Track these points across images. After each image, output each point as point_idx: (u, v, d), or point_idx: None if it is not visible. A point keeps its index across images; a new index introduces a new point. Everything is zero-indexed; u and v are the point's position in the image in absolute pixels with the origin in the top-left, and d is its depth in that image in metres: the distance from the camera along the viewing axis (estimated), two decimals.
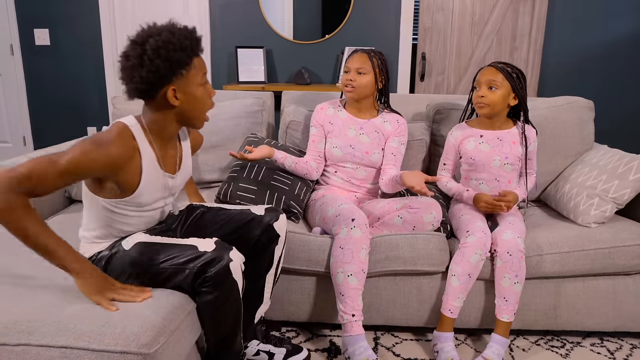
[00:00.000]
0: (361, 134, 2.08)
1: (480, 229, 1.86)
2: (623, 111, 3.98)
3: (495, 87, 1.95)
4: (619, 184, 1.99)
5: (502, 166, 2.03)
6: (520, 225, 1.92)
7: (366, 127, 2.09)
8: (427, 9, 3.81)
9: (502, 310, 1.84)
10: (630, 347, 2.02)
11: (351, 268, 1.75)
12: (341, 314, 1.77)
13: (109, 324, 1.21)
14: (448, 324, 1.87)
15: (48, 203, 2.09)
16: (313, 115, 2.16)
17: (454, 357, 1.80)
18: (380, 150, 2.09)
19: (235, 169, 2.13)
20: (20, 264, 1.52)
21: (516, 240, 1.82)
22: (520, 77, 1.97)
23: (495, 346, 1.84)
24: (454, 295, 1.84)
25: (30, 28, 4.12)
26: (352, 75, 2.01)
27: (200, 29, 4.00)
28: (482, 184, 2.06)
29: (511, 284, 1.82)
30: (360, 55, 2.02)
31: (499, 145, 2.03)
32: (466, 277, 1.82)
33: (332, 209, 1.88)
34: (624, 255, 1.91)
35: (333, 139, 2.10)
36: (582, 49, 3.89)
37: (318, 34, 3.98)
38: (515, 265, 1.81)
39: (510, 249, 1.81)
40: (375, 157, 2.08)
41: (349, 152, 2.08)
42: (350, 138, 2.08)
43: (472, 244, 1.82)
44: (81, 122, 4.29)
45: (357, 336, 1.74)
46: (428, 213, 1.90)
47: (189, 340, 1.39)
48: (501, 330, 1.85)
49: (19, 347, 1.17)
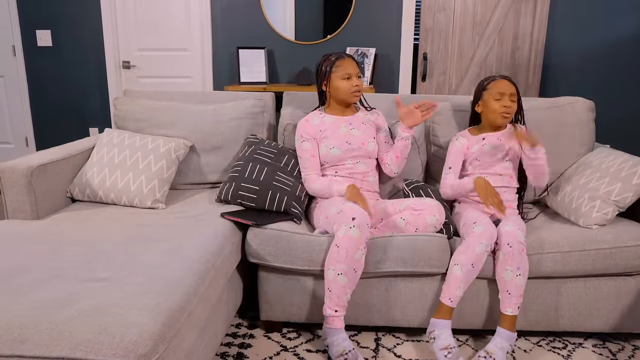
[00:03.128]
0: (352, 129, 2.15)
1: (487, 222, 1.88)
2: (624, 111, 3.97)
3: (514, 100, 2.10)
4: (622, 187, 1.98)
5: (504, 162, 2.13)
6: (521, 222, 1.93)
7: (353, 121, 2.18)
8: (428, 9, 3.81)
9: (506, 304, 1.84)
10: (632, 348, 2.02)
11: (342, 267, 1.77)
12: (325, 307, 1.83)
13: (107, 331, 1.16)
14: (446, 311, 1.85)
15: (48, 203, 2.09)
16: (301, 131, 2.17)
17: (450, 344, 1.79)
18: (373, 140, 2.16)
19: (236, 169, 2.13)
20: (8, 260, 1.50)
21: (517, 232, 1.84)
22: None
23: (498, 339, 1.83)
24: (454, 285, 1.83)
25: (33, 29, 4.13)
26: (357, 81, 2.11)
27: (201, 30, 4.00)
28: (487, 178, 2.12)
29: (513, 276, 1.81)
30: (351, 60, 2.12)
31: (499, 145, 2.12)
32: (469, 267, 1.81)
33: (334, 208, 1.89)
34: (625, 256, 1.90)
35: (327, 141, 2.12)
36: (584, 49, 3.87)
37: (319, 35, 3.98)
38: (517, 257, 1.81)
39: (510, 241, 1.82)
40: (371, 146, 2.15)
41: (346, 148, 2.11)
42: (343, 135, 2.13)
43: (478, 234, 1.83)
44: (83, 123, 4.30)
45: (337, 329, 1.83)
46: (431, 215, 1.91)
47: (189, 342, 1.39)
48: (505, 323, 1.85)
49: (12, 358, 1.12)
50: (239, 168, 2.13)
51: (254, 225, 1.91)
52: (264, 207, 2.05)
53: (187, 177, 2.41)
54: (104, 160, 2.18)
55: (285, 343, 2.01)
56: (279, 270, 1.97)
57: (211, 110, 2.43)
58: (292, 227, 1.94)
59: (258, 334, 2.07)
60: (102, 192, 2.13)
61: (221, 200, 2.11)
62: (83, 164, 2.28)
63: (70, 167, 2.20)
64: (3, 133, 4.34)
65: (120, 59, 4.13)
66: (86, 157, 2.30)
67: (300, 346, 1.99)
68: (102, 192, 2.13)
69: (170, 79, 4.15)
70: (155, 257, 1.57)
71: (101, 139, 2.28)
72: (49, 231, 1.79)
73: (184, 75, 4.13)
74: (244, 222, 1.93)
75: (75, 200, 2.24)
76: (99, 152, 2.22)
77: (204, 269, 1.55)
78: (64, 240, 1.69)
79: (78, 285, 1.36)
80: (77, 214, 2.03)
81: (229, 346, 1.98)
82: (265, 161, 2.14)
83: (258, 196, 2.04)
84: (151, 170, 2.15)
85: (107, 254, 1.59)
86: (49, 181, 2.08)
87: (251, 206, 2.07)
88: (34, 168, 1.99)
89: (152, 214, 2.04)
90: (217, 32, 4.03)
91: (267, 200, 2.03)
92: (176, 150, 2.25)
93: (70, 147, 2.27)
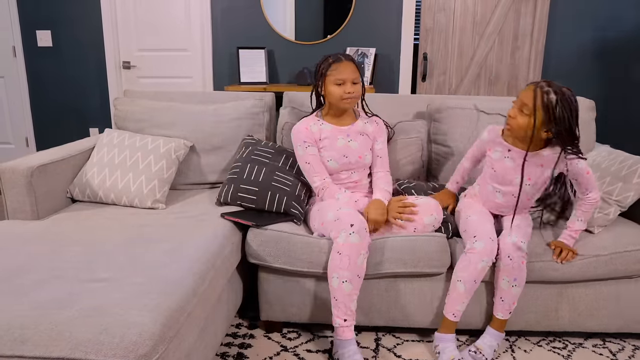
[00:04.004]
0: (349, 141, 2.07)
1: (487, 235, 1.82)
2: (625, 111, 3.96)
3: (525, 113, 1.72)
4: (623, 186, 1.98)
5: (524, 186, 1.87)
6: (526, 230, 1.89)
7: (351, 133, 2.08)
8: (428, 9, 3.81)
9: (498, 309, 1.87)
10: (632, 348, 2.01)
11: (346, 275, 1.76)
12: (334, 317, 1.81)
13: (107, 331, 1.16)
14: (450, 326, 1.87)
15: (48, 203, 2.09)
16: (302, 137, 2.04)
17: (455, 356, 1.80)
18: (369, 151, 2.11)
19: (234, 171, 2.13)
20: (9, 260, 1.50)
21: (519, 245, 1.80)
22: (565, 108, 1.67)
23: (488, 337, 1.88)
24: (458, 300, 1.84)
25: (33, 30, 4.13)
26: (350, 87, 1.96)
27: (201, 30, 4.00)
28: (499, 193, 1.95)
29: (509, 286, 1.82)
30: (349, 64, 1.98)
31: (522, 165, 1.83)
32: (472, 283, 1.82)
33: (331, 214, 1.87)
34: (625, 261, 1.90)
35: (325, 152, 2.05)
36: (584, 49, 3.87)
37: (320, 35, 3.98)
38: (516, 269, 1.80)
39: (512, 254, 1.79)
40: (367, 158, 2.10)
41: (344, 162, 2.06)
42: (341, 148, 2.05)
43: (479, 252, 1.80)
44: (83, 123, 4.30)
45: (347, 341, 1.81)
46: (428, 214, 1.91)
47: (189, 343, 1.39)
48: (495, 324, 1.89)
49: (12, 359, 1.12)
50: (237, 170, 2.13)
51: (254, 225, 1.91)
52: (264, 208, 2.05)
53: (187, 177, 2.41)
54: (104, 160, 2.18)
55: (286, 343, 2.01)
56: (279, 271, 1.96)
57: (211, 110, 2.43)
58: (292, 228, 1.94)
59: (258, 334, 2.07)
60: (102, 193, 2.13)
61: (220, 202, 2.11)
62: (83, 164, 2.28)
63: (70, 168, 2.20)
64: (3, 133, 4.34)
65: (121, 59, 4.14)
66: (86, 157, 2.30)
67: (301, 346, 1.99)
68: (102, 192, 2.13)
69: (170, 79, 4.15)
70: (155, 257, 1.57)
71: (101, 139, 2.28)
72: (49, 231, 1.79)
73: (184, 75, 4.13)
74: (244, 223, 1.93)
75: (76, 201, 2.24)
76: (99, 153, 2.22)
77: (204, 269, 1.55)
78: (64, 241, 1.69)
79: (78, 286, 1.36)
80: (77, 214, 2.03)
81: (229, 346, 1.98)
82: (264, 161, 2.14)
83: (257, 197, 2.04)
84: (151, 171, 2.15)
85: (107, 254, 1.59)
86: (49, 181, 2.08)
87: (251, 207, 2.07)
88: (34, 168, 1.99)
89: (153, 214, 2.05)
90: (217, 32, 4.03)
91: (267, 201, 2.03)
92: (176, 151, 2.25)
93: (70, 148, 2.27)
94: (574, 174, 1.83)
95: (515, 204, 1.90)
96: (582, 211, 1.89)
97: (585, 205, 1.88)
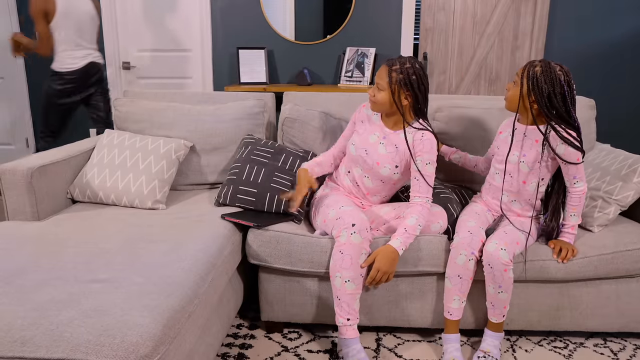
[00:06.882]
0: (381, 144, 1.96)
1: (466, 229, 1.84)
2: (625, 110, 3.96)
3: (515, 83, 1.81)
4: (623, 185, 1.98)
5: (518, 163, 1.88)
6: (513, 236, 1.82)
7: (389, 138, 1.95)
8: (428, 9, 3.81)
9: (490, 313, 1.88)
10: (633, 348, 2.01)
11: (349, 274, 1.76)
12: (337, 316, 1.81)
13: (107, 332, 1.16)
14: (449, 326, 1.88)
15: (49, 204, 2.09)
16: (354, 114, 2.08)
17: (455, 358, 1.81)
18: (394, 167, 1.94)
19: (233, 171, 2.13)
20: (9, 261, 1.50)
21: (498, 253, 1.75)
22: (547, 81, 1.74)
23: (490, 339, 1.88)
24: (449, 297, 1.85)
25: (33, 30, 4.12)
26: (373, 90, 1.90)
27: (201, 31, 4.00)
28: (498, 174, 1.95)
29: (495, 292, 1.82)
30: (383, 68, 1.88)
31: (522, 141, 1.88)
32: (456, 278, 1.82)
33: (333, 211, 1.87)
34: (626, 259, 1.90)
35: (356, 135, 2.03)
36: (584, 48, 3.87)
37: (319, 35, 3.97)
38: (498, 277, 1.78)
39: (491, 261, 1.77)
40: (384, 171, 1.95)
41: (361, 154, 1.98)
42: (369, 143, 1.97)
43: (456, 245, 1.82)
44: (83, 123, 4.29)
45: (350, 339, 1.80)
46: (435, 222, 1.93)
47: (190, 343, 1.39)
48: (491, 327, 1.89)
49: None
50: (236, 170, 2.13)
51: (255, 226, 1.91)
52: (264, 209, 2.05)
53: (188, 177, 2.41)
54: (105, 161, 2.18)
55: (286, 343, 2.01)
56: (280, 271, 1.96)
57: (211, 110, 2.43)
58: (292, 228, 1.94)
59: (259, 335, 2.07)
60: (102, 193, 2.13)
61: (220, 203, 2.11)
62: (83, 165, 2.28)
63: (70, 168, 2.20)
64: (3, 134, 4.34)
65: (120, 60, 4.13)
66: (86, 158, 2.30)
67: (302, 347, 1.99)
68: (103, 193, 2.13)
69: (170, 80, 4.15)
70: (156, 258, 1.57)
71: (101, 140, 2.28)
72: (49, 232, 1.79)
73: (184, 75, 4.13)
74: (245, 224, 1.93)
75: (76, 202, 2.24)
76: (99, 153, 2.22)
77: (204, 269, 1.55)
78: (65, 242, 1.70)
79: (79, 287, 1.36)
80: (77, 215, 2.03)
81: (229, 347, 1.98)
82: (263, 162, 2.14)
83: (257, 199, 2.04)
84: (151, 171, 2.15)
85: (107, 255, 1.59)
86: (50, 182, 2.08)
87: (250, 208, 2.07)
88: (34, 169, 1.99)
89: (153, 214, 2.04)
90: (217, 33, 4.03)
91: (266, 202, 2.03)
92: (176, 151, 2.25)
93: (70, 148, 2.27)
94: (563, 156, 1.80)
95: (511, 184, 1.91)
96: (573, 205, 1.87)
97: (573, 198, 1.86)
